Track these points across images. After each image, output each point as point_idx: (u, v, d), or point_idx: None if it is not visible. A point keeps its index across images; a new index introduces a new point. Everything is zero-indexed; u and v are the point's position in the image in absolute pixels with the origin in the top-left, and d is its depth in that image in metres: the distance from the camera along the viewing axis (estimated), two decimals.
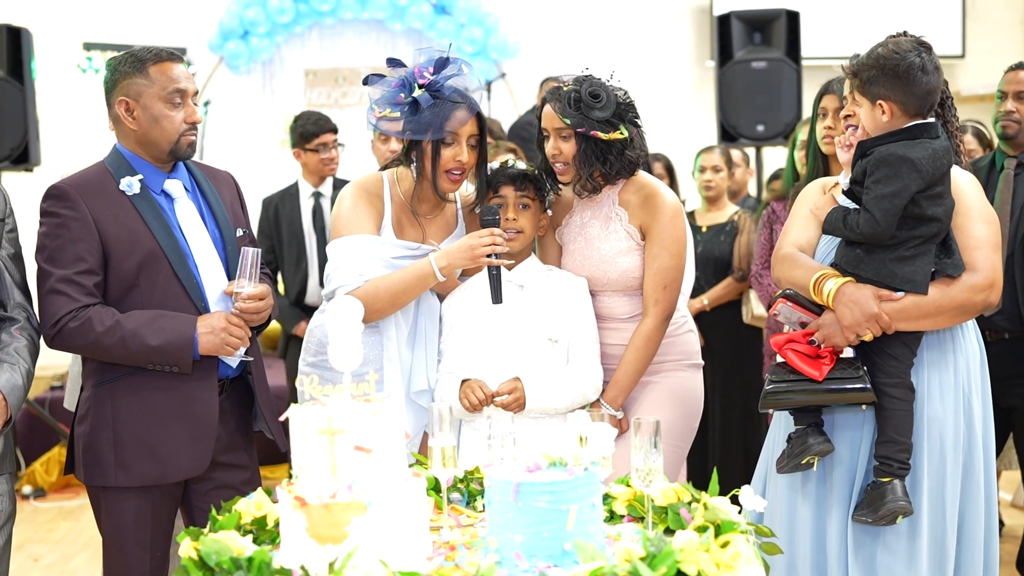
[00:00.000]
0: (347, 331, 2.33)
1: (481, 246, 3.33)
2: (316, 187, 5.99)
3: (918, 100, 2.94)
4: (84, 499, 6.41)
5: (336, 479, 2.16)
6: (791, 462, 3.07)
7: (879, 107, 2.96)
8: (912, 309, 2.94)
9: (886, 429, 2.98)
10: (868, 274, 2.96)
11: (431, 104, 3.33)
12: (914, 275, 2.93)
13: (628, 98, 3.45)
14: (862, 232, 2.92)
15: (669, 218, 3.48)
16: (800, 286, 3.06)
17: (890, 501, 2.92)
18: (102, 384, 3.10)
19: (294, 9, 9.25)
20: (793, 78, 7.41)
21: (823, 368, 2.99)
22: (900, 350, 3.00)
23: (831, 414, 3.09)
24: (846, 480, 3.08)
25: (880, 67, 2.94)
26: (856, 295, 2.93)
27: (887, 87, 2.94)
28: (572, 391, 3.39)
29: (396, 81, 3.39)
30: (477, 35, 9.32)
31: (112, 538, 3.13)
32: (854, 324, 2.93)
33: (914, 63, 2.92)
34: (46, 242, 3.04)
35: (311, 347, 3.59)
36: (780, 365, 3.08)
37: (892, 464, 2.96)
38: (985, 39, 9.86)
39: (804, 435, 3.05)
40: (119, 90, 3.09)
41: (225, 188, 3.33)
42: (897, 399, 2.97)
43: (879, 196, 2.89)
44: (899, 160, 2.89)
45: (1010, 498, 6.10)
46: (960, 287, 2.95)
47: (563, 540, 2.13)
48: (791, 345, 3.05)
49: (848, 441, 3.08)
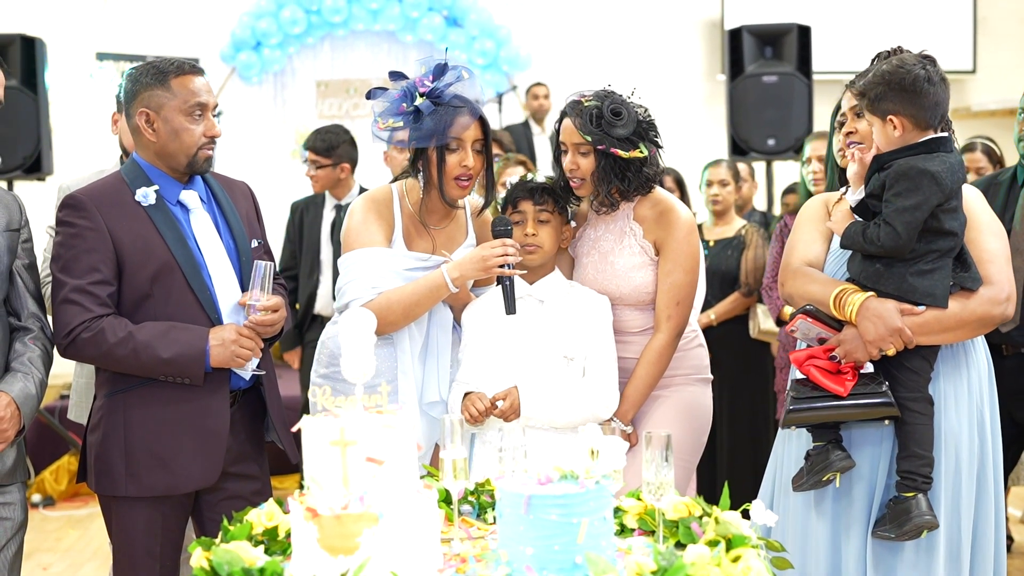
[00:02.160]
0: (360, 343, 2.34)
1: (493, 257, 3.34)
2: (340, 199, 6.01)
3: (927, 112, 2.95)
4: (93, 508, 6.42)
5: (348, 490, 2.16)
6: (811, 479, 3.05)
7: (890, 123, 2.96)
8: (933, 323, 2.95)
9: (908, 443, 2.97)
10: (888, 288, 2.96)
11: (433, 111, 3.35)
12: (934, 289, 2.94)
13: (649, 116, 3.45)
14: (883, 245, 2.92)
15: (684, 234, 3.48)
16: (818, 301, 3.05)
17: (916, 516, 2.91)
18: (114, 394, 3.11)
19: (306, 20, 9.29)
20: (804, 92, 7.41)
21: (847, 384, 2.98)
22: (919, 363, 3.00)
23: (848, 430, 3.08)
24: (866, 496, 3.07)
25: (887, 83, 2.95)
26: (880, 309, 2.93)
27: (896, 102, 2.95)
28: (581, 409, 3.37)
29: (398, 92, 3.41)
30: (489, 47, 9.35)
31: (122, 548, 3.13)
32: (878, 339, 2.93)
33: (920, 76, 2.93)
34: (61, 252, 3.05)
35: (323, 359, 3.60)
36: (801, 382, 3.07)
37: (916, 478, 2.95)
38: (996, 54, 9.86)
39: (825, 452, 3.04)
40: (139, 101, 3.09)
41: (241, 199, 3.34)
42: (919, 413, 2.97)
43: (900, 209, 2.89)
44: (920, 173, 2.89)
45: (1019, 514, 6.08)
46: (979, 300, 2.96)
47: (574, 553, 2.13)
48: (812, 361, 3.03)
49: (868, 457, 3.07)
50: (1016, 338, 4.11)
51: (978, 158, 5.42)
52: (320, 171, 5.91)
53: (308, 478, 2.22)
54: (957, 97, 9.67)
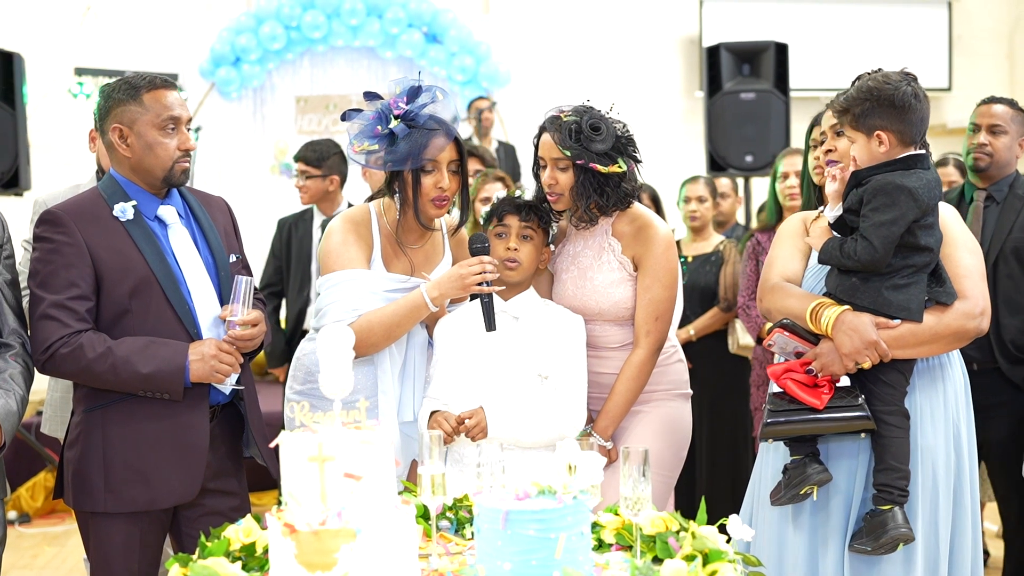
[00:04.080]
0: (338, 359, 2.34)
1: (471, 274, 3.34)
2: (329, 214, 6.01)
3: (913, 128, 2.99)
4: (69, 525, 6.37)
5: (326, 506, 2.16)
6: (788, 493, 3.07)
7: (876, 138, 2.98)
8: (908, 336, 2.97)
9: (884, 456, 2.99)
10: (864, 302, 2.99)
11: (407, 134, 3.35)
12: (909, 303, 2.97)
13: (627, 131, 3.47)
14: (860, 260, 2.95)
15: (662, 250, 3.50)
16: (795, 315, 3.08)
17: (892, 529, 2.93)
18: (93, 410, 3.09)
19: (285, 36, 9.29)
20: (781, 109, 7.46)
21: (823, 397, 3.00)
22: (895, 377, 3.03)
23: (826, 443, 3.10)
24: (843, 509, 3.09)
25: (875, 99, 2.97)
26: (855, 323, 2.96)
27: (884, 118, 2.97)
28: (548, 428, 3.36)
29: (373, 114, 3.41)
30: (468, 64, 9.37)
31: (100, 564, 3.11)
32: (853, 352, 2.96)
33: (907, 92, 2.96)
34: (39, 267, 3.04)
35: (299, 375, 3.60)
36: (778, 395, 3.08)
37: (892, 491, 2.97)
38: (971, 72, 9.96)
39: (802, 465, 3.06)
40: (113, 117, 3.09)
41: (219, 214, 3.34)
42: (894, 426, 2.99)
43: (877, 224, 2.92)
44: (897, 188, 2.92)
45: (996, 528, 6.11)
46: (954, 314, 2.99)
47: (551, 568, 2.13)
48: (789, 375, 3.05)
49: (844, 470, 3.09)
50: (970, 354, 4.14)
51: (950, 172, 5.48)
52: (310, 181, 5.90)
53: (286, 494, 2.22)
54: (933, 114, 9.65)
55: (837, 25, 9.69)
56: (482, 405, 3.36)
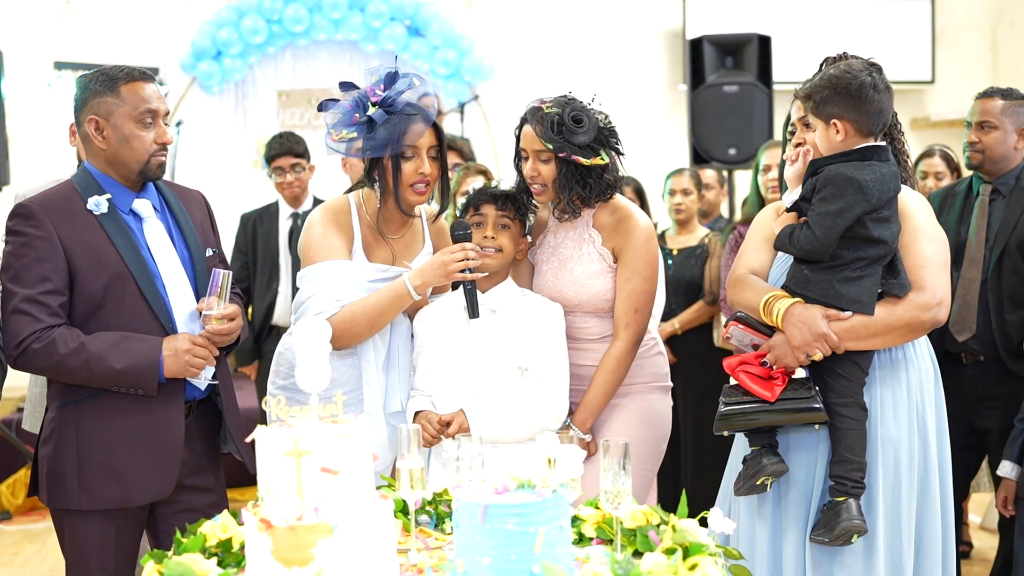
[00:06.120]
0: (314, 352, 2.32)
1: (453, 261, 3.33)
2: (295, 208, 5.98)
3: (870, 119, 2.99)
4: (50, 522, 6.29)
5: (302, 501, 2.14)
6: (746, 484, 3.08)
7: (833, 127, 2.99)
8: (860, 328, 2.97)
9: (839, 448, 3.00)
10: (815, 295, 3.00)
11: (386, 120, 3.34)
12: (860, 295, 2.97)
13: (609, 123, 3.46)
14: (802, 248, 2.97)
15: (642, 242, 3.49)
16: (751, 308, 3.10)
17: (845, 520, 2.94)
18: (66, 406, 3.06)
19: (267, 30, 9.23)
20: (764, 102, 7.46)
21: (775, 389, 3.02)
22: (851, 369, 3.03)
23: (786, 435, 3.12)
24: (802, 501, 3.10)
25: (833, 87, 2.98)
26: (804, 315, 2.96)
27: (840, 106, 2.98)
28: (529, 422, 3.35)
29: (350, 103, 3.40)
30: (451, 57, 9.33)
31: (75, 562, 3.09)
32: (804, 344, 2.96)
33: (866, 82, 2.97)
34: (11, 261, 3.00)
35: (281, 370, 3.57)
36: (733, 387, 3.11)
37: (847, 483, 2.98)
38: (954, 65, 9.96)
39: (758, 456, 3.07)
40: (89, 108, 3.06)
41: (195, 207, 3.31)
42: (849, 419, 3.00)
43: (822, 213, 2.93)
44: (846, 180, 2.92)
45: (979, 520, 6.12)
46: (907, 306, 2.98)
47: (531, 563, 2.11)
48: (743, 367, 3.08)
49: (804, 462, 3.10)
50: (974, 347, 4.16)
51: (936, 163, 5.49)
52: (304, 174, 5.89)
53: (262, 489, 2.19)
54: (916, 107, 9.76)
55: (820, 18, 9.68)
56: (463, 407, 3.36)
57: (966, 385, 4.17)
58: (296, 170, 5.87)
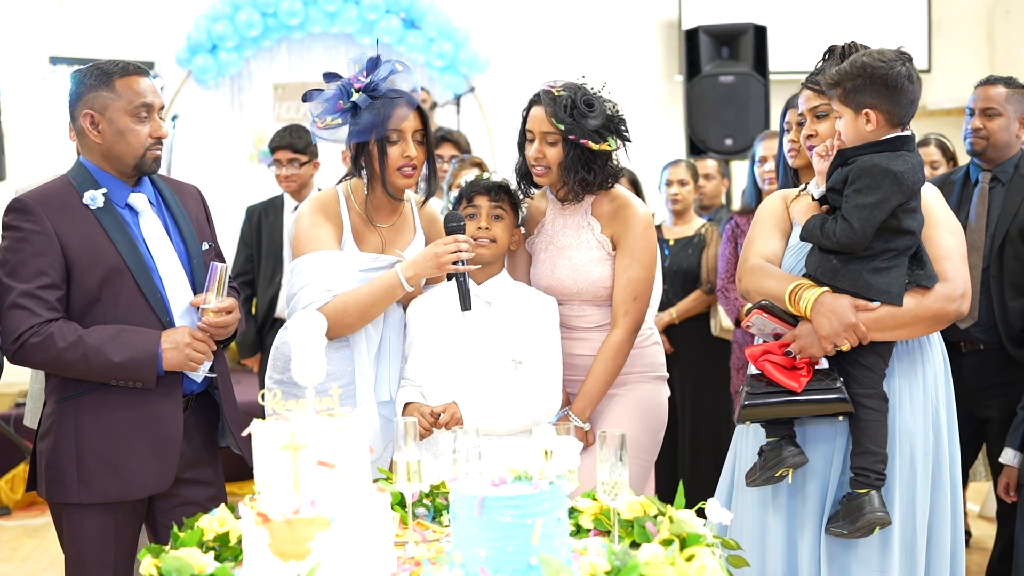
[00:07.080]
0: (310, 345, 2.32)
1: (446, 253, 3.33)
2: (300, 201, 5.97)
3: (903, 109, 2.94)
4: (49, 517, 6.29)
5: (299, 494, 2.14)
6: (764, 475, 3.05)
7: (864, 116, 2.94)
8: (888, 319, 2.95)
9: (862, 440, 2.98)
10: (844, 285, 2.97)
11: (370, 104, 3.35)
12: (889, 286, 2.95)
13: (618, 111, 3.46)
14: (838, 240, 2.92)
15: (641, 230, 3.49)
16: (774, 296, 3.06)
17: (868, 512, 2.92)
18: (65, 400, 3.06)
19: (263, 23, 9.21)
20: (760, 92, 7.47)
21: (801, 379, 2.98)
22: (874, 360, 3.01)
23: (803, 426, 3.09)
24: (819, 493, 3.07)
25: (868, 76, 2.91)
26: (834, 305, 2.94)
27: (875, 96, 2.92)
28: (521, 415, 3.35)
29: (334, 91, 3.40)
30: (447, 49, 9.32)
31: (74, 556, 3.09)
32: (832, 334, 2.94)
33: (901, 72, 2.91)
34: (8, 256, 3.00)
35: (278, 364, 3.57)
36: (756, 377, 3.06)
37: (869, 475, 2.96)
38: (951, 54, 9.96)
39: (778, 447, 3.04)
40: (84, 103, 3.06)
41: (191, 201, 3.31)
42: (872, 409, 2.98)
43: (859, 205, 2.89)
44: (883, 172, 2.88)
45: (977, 509, 6.13)
46: (934, 297, 2.97)
47: (528, 554, 2.11)
48: (767, 357, 3.03)
49: (821, 453, 3.07)
50: (975, 335, 4.16)
51: (932, 152, 5.48)
52: (302, 169, 5.87)
53: (259, 482, 2.19)
54: None
55: (816, 7, 9.68)
56: (455, 398, 3.35)
57: (965, 374, 4.16)
58: (293, 165, 5.86)
